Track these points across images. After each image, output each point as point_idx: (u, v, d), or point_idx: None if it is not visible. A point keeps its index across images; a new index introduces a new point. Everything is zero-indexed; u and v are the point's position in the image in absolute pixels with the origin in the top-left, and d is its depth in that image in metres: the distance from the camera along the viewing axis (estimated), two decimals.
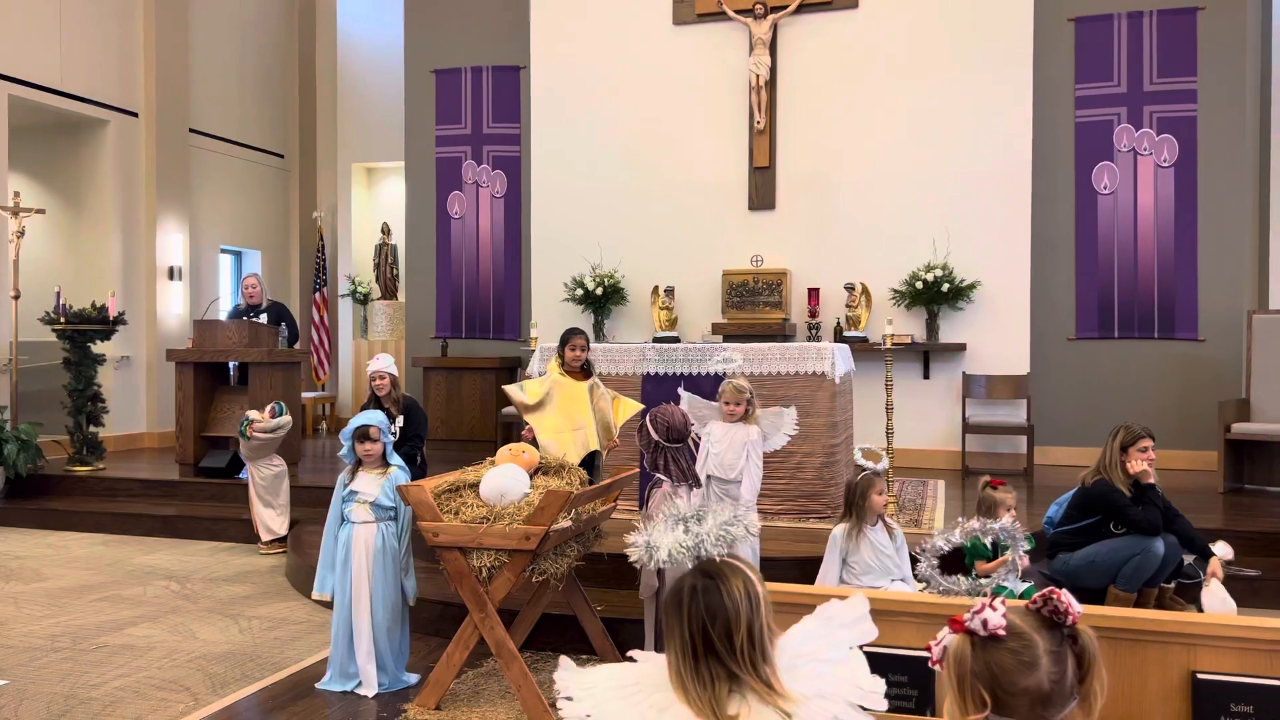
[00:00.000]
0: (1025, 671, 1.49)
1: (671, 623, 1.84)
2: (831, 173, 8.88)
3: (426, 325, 10.62)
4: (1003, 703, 1.49)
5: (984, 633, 1.53)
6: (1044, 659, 1.50)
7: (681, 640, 1.81)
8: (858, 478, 4.58)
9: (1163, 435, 7.82)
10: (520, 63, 10.09)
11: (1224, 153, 8.35)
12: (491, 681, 4.24)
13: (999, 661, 1.50)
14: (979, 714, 1.50)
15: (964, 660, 1.53)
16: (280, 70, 12.44)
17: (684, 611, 1.82)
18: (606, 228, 9.36)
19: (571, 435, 5.04)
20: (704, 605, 1.81)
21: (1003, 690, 1.49)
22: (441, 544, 3.86)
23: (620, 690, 1.88)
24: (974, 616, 1.55)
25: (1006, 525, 4.40)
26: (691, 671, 1.78)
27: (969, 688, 1.52)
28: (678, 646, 1.82)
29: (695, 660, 1.79)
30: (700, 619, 1.80)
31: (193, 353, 8.46)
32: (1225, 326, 8.27)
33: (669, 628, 1.86)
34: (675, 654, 1.83)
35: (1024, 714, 1.49)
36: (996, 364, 8.47)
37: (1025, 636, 1.52)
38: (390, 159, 11.59)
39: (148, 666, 4.47)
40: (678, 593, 1.87)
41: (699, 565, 1.93)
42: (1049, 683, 1.50)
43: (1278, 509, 6.30)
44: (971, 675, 1.52)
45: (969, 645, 1.54)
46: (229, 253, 12.02)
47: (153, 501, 7.82)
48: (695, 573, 1.90)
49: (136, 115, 10.31)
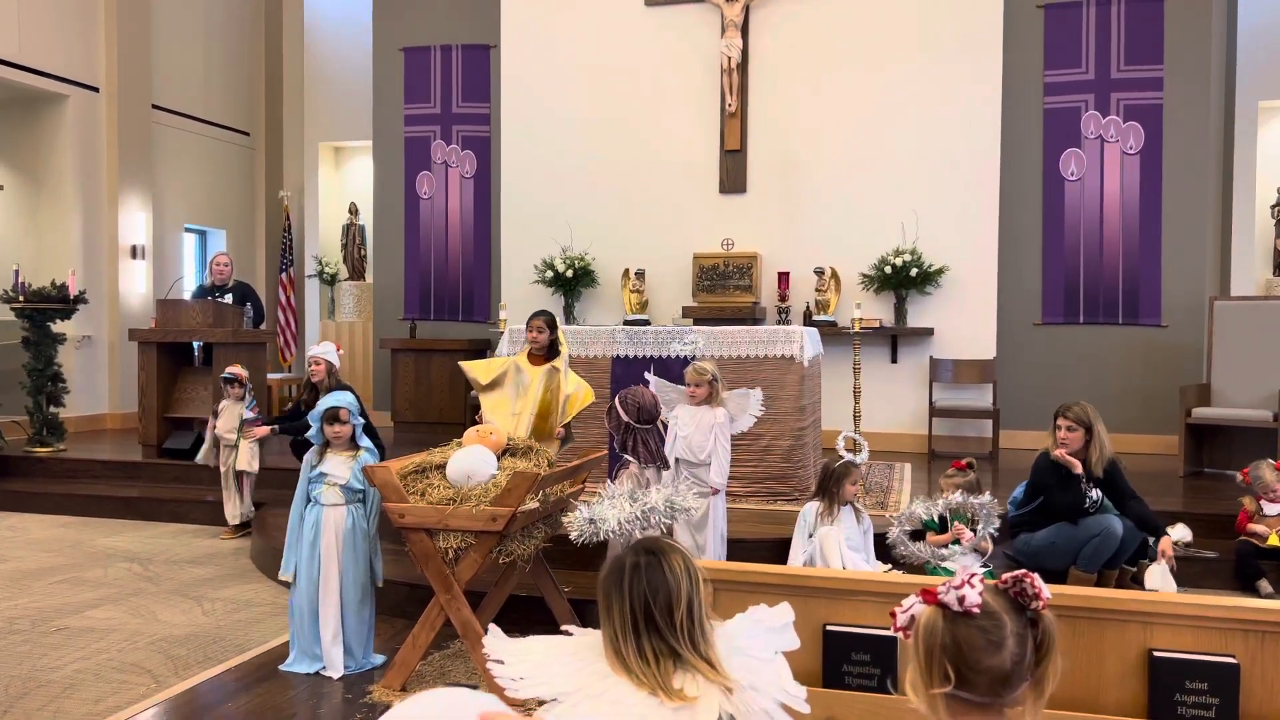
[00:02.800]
0: (992, 651, 1.50)
1: (611, 599, 1.83)
2: (802, 156, 8.88)
3: (395, 307, 10.54)
4: (964, 679, 1.50)
5: (958, 608, 1.52)
6: (1010, 640, 1.50)
7: (622, 616, 1.81)
8: (836, 464, 4.63)
9: (1125, 419, 7.97)
10: (490, 41, 9.99)
11: (1188, 140, 8.44)
12: (458, 663, 4.23)
13: (968, 638, 1.50)
14: (942, 688, 1.50)
15: (935, 633, 1.53)
16: (246, 46, 12.24)
17: (625, 587, 1.82)
18: (577, 210, 9.32)
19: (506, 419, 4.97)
20: (646, 581, 1.81)
21: (966, 667, 1.50)
22: (408, 525, 3.83)
23: (560, 655, 1.88)
24: (950, 591, 1.54)
25: (985, 502, 4.46)
26: (634, 648, 1.78)
27: (936, 661, 1.52)
28: (617, 623, 1.81)
29: (637, 636, 1.79)
30: (643, 594, 1.80)
31: (156, 333, 8.34)
32: (1188, 312, 8.39)
33: (607, 604, 1.85)
34: (615, 630, 1.82)
35: (982, 691, 1.50)
36: (963, 348, 8.54)
37: (996, 616, 1.52)
38: (358, 138, 11.45)
39: (108, 649, 4.41)
40: (618, 569, 1.86)
41: (639, 542, 1.93)
42: (1011, 663, 1.50)
43: (1235, 492, 6.40)
44: (940, 649, 1.52)
45: (940, 618, 1.53)
46: (193, 231, 11.84)
47: (115, 483, 7.71)
48: (636, 549, 1.90)
49: (97, 90, 10.10)
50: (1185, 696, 2.48)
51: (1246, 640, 2.49)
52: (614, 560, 1.91)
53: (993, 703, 1.51)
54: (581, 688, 1.81)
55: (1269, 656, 2.47)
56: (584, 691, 1.81)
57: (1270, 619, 2.48)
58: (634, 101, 9.23)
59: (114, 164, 10.17)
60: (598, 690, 1.80)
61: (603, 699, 1.79)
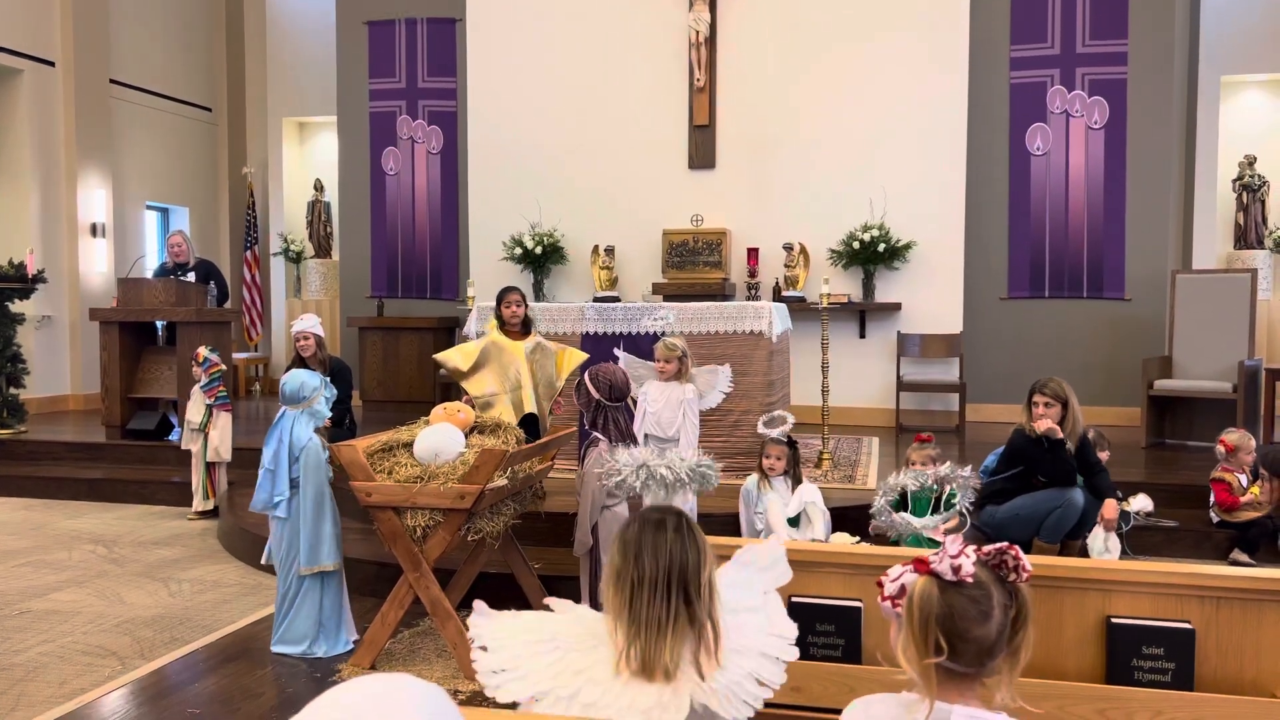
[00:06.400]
0: (980, 621, 1.51)
1: (640, 555, 1.82)
2: (770, 132, 8.87)
3: (361, 284, 10.44)
4: (954, 649, 1.51)
5: (953, 578, 1.53)
6: (996, 610, 1.52)
7: (653, 576, 1.79)
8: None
9: (1090, 392, 8.06)
10: (456, 15, 9.86)
11: (1152, 115, 8.52)
12: (428, 640, 4.23)
13: (959, 608, 1.52)
14: (935, 658, 1.52)
15: (930, 602, 1.53)
16: (206, 19, 12.01)
17: (660, 546, 1.81)
18: (546, 186, 9.25)
19: (505, 397, 4.99)
20: (684, 544, 1.82)
21: (955, 636, 1.51)
22: (375, 504, 3.81)
23: (537, 645, 1.87)
24: (944, 560, 1.54)
25: (968, 476, 4.51)
26: (657, 608, 1.77)
27: (931, 631, 1.52)
28: (647, 580, 1.79)
29: (668, 598, 1.78)
30: (681, 556, 1.81)
31: (117, 312, 8.21)
32: (1151, 286, 8.49)
33: (627, 560, 1.83)
34: (629, 587, 1.80)
35: (967, 661, 1.52)
36: (930, 323, 8.60)
37: (985, 587, 1.53)
38: (323, 113, 11.28)
39: (73, 632, 4.37)
40: (654, 527, 1.84)
41: (669, 509, 1.92)
42: (996, 634, 1.52)
43: (1196, 463, 6.52)
44: (935, 619, 1.52)
45: (935, 588, 1.54)
46: (155, 209, 11.65)
47: (78, 465, 7.61)
48: (671, 514, 1.88)
49: (53, 64, 9.88)
50: (1142, 661, 2.53)
51: (1202, 606, 2.54)
52: (647, 518, 1.89)
53: (976, 673, 1.54)
54: (554, 689, 1.81)
55: (1223, 622, 2.53)
56: (555, 694, 1.80)
57: (1224, 585, 2.54)
58: (602, 76, 9.16)
59: (72, 140, 9.97)
60: (570, 690, 1.80)
61: (574, 702, 1.79)
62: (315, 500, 4.02)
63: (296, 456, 4.02)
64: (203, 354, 6.47)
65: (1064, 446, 4.65)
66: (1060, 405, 4.70)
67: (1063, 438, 4.66)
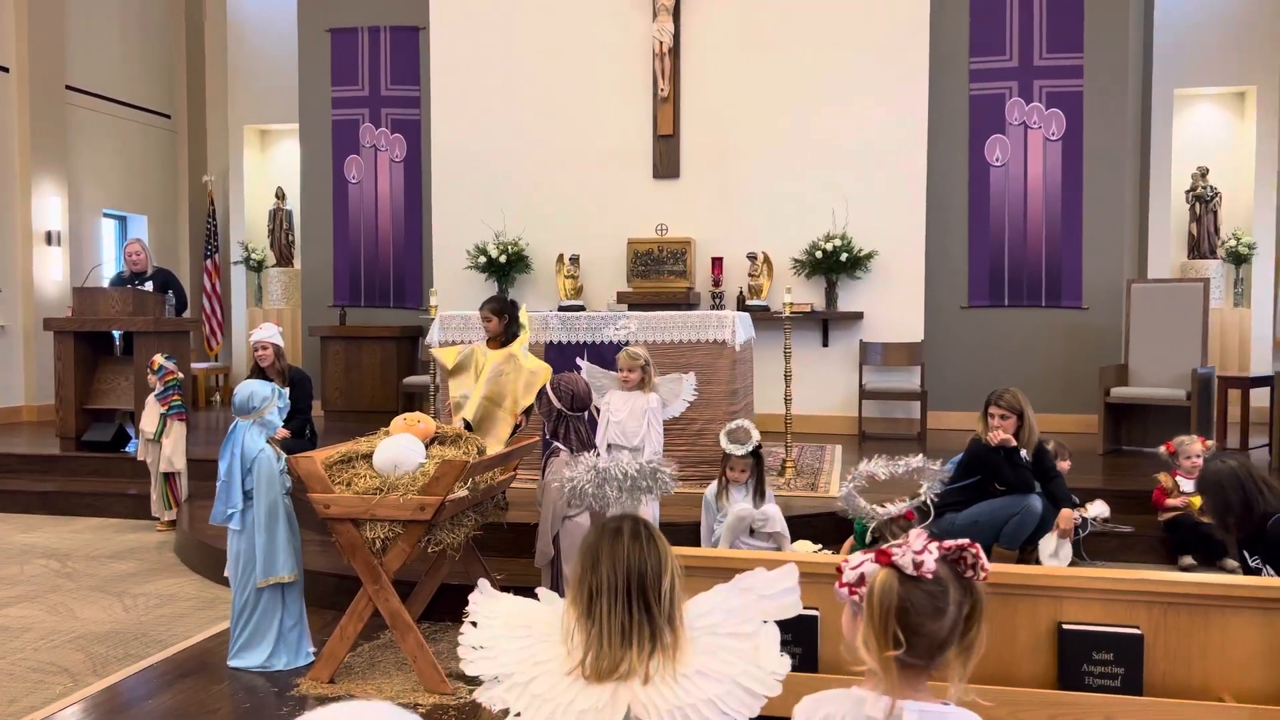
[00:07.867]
0: (936, 616, 1.53)
1: (600, 563, 1.82)
2: (734, 142, 8.92)
3: (324, 293, 10.35)
4: (906, 641, 1.52)
5: (914, 572, 1.54)
6: (951, 607, 1.54)
7: (611, 583, 1.80)
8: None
9: (1048, 399, 8.17)
10: (419, 23, 9.82)
11: (1107, 127, 8.67)
12: (388, 654, 4.20)
13: (916, 602, 1.53)
14: (894, 651, 1.52)
15: (890, 594, 1.54)
16: (165, 25, 11.86)
17: (623, 554, 1.81)
18: (510, 194, 9.23)
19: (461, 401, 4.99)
20: (643, 551, 1.82)
21: (909, 630, 1.52)
22: (333, 516, 3.78)
23: (513, 630, 1.90)
24: (906, 554, 1.55)
25: (938, 470, 4.54)
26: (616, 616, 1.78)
27: (890, 624, 1.53)
28: (604, 588, 1.80)
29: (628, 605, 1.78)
30: (639, 564, 1.80)
31: (73, 322, 8.07)
32: (1107, 295, 8.63)
33: (587, 567, 1.84)
34: (587, 594, 1.81)
35: (918, 654, 1.53)
36: (892, 331, 8.68)
37: (943, 583, 1.54)
38: (284, 121, 11.18)
39: (23, 648, 4.28)
40: (615, 534, 1.84)
41: (629, 516, 1.93)
42: (948, 629, 1.54)
43: (1152, 469, 6.61)
44: (894, 611, 1.53)
45: (895, 580, 1.55)
46: (112, 217, 11.47)
47: (31, 478, 7.46)
48: (629, 520, 1.88)
49: (7, 70, 9.71)
50: (1093, 667, 2.57)
51: (1150, 611, 2.58)
52: (607, 526, 1.89)
53: (926, 665, 1.55)
54: (515, 673, 1.84)
55: (1171, 627, 2.57)
56: (515, 679, 1.83)
57: (1172, 590, 2.58)
58: (566, 85, 9.17)
59: (26, 147, 9.80)
60: (527, 678, 1.83)
61: (527, 690, 1.82)
62: (269, 511, 3.98)
63: (249, 468, 3.97)
64: (158, 362, 6.36)
65: (1019, 455, 4.72)
66: (1016, 416, 4.76)
67: (1017, 446, 4.72)
